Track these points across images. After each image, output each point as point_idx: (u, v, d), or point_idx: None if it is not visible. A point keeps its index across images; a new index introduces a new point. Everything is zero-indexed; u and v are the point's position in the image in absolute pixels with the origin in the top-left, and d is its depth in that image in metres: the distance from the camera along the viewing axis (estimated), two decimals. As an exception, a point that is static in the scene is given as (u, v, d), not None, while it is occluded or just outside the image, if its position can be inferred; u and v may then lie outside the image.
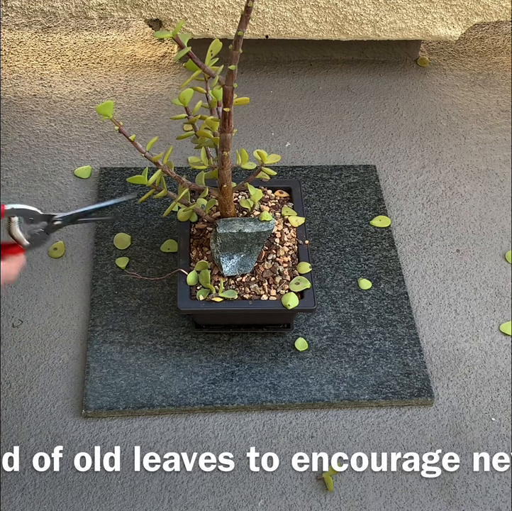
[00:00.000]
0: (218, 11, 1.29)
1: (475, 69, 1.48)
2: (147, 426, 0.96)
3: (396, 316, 1.06)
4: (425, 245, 1.17)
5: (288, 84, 1.43)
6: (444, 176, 1.27)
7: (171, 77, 1.43)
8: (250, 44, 1.42)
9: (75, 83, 1.40)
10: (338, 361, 1.00)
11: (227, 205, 0.94)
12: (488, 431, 0.97)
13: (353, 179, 1.24)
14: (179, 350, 1.01)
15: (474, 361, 1.03)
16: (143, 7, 1.29)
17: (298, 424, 0.96)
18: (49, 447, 0.93)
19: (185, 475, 0.92)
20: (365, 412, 0.98)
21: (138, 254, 1.11)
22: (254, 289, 0.95)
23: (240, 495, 0.91)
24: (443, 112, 1.39)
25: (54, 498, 0.90)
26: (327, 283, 1.09)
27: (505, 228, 1.19)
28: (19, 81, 1.39)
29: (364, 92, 1.42)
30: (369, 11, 1.31)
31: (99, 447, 0.94)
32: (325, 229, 1.16)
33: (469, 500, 0.91)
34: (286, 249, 0.99)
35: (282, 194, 1.05)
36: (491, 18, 1.35)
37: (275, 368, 0.99)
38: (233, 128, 0.83)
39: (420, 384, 0.99)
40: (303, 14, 1.31)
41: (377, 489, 0.92)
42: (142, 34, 1.51)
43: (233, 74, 0.77)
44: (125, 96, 1.38)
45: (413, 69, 1.48)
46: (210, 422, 0.96)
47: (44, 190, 1.21)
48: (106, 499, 0.90)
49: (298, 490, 0.91)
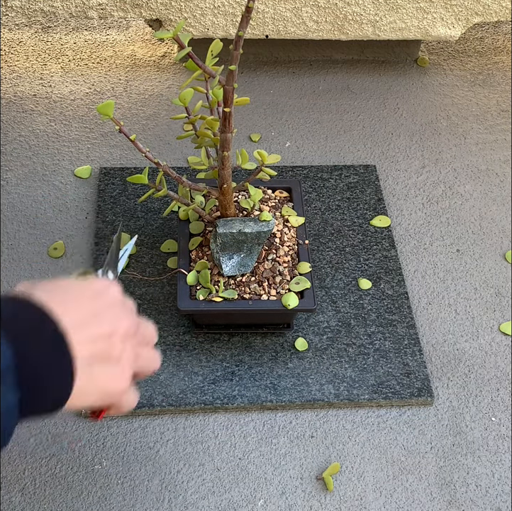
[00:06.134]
0: (218, 11, 1.29)
1: (475, 69, 1.48)
2: (147, 426, 0.96)
3: (396, 316, 1.06)
4: (425, 245, 1.17)
5: (288, 84, 1.43)
6: (444, 176, 1.27)
7: (171, 76, 1.43)
8: (250, 44, 1.42)
9: (75, 83, 1.40)
10: (338, 361, 1.01)
11: (228, 205, 0.94)
12: (488, 431, 0.97)
13: (353, 179, 1.24)
14: (179, 350, 1.01)
15: (474, 361, 1.03)
16: (143, 7, 1.29)
17: (298, 424, 0.96)
18: (49, 447, 0.93)
19: (185, 475, 0.92)
20: (365, 412, 0.98)
21: (138, 254, 1.11)
22: (254, 289, 0.95)
23: (240, 495, 0.91)
24: (443, 112, 1.39)
25: (54, 498, 0.90)
26: (327, 283, 1.09)
27: (505, 228, 1.20)
28: (19, 81, 1.39)
29: (364, 92, 1.42)
30: (369, 10, 1.31)
31: (99, 447, 0.94)
32: (325, 229, 1.16)
33: (469, 500, 0.91)
34: (286, 249, 0.99)
35: (282, 194, 1.05)
36: (491, 18, 1.35)
37: (275, 368, 1.00)
38: (233, 128, 0.83)
39: (420, 384, 0.99)
40: (303, 14, 1.31)
41: (377, 489, 0.92)
42: (142, 34, 1.51)
43: (234, 74, 0.77)
44: (125, 96, 1.38)
45: (413, 69, 1.48)
46: (210, 422, 0.96)
47: (44, 190, 1.21)
48: (106, 499, 0.90)
49: (298, 490, 0.91)
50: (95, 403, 0.59)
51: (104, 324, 0.59)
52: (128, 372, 0.61)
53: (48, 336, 0.53)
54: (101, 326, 0.59)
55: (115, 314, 0.61)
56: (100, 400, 0.59)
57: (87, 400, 0.58)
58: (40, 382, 0.52)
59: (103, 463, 0.93)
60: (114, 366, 0.59)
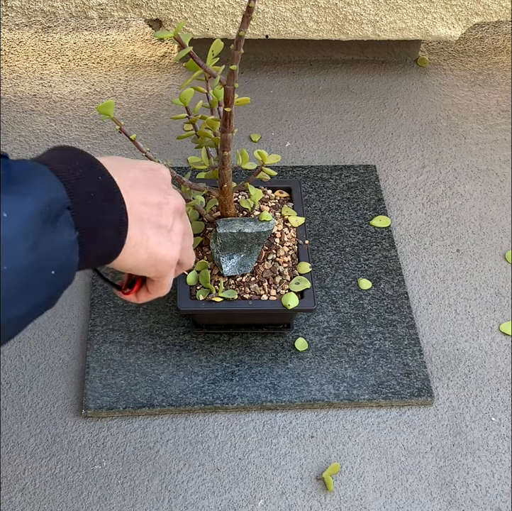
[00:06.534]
0: (218, 11, 1.29)
1: (475, 69, 1.48)
2: (147, 426, 0.96)
3: (396, 316, 1.06)
4: (425, 245, 1.17)
5: (288, 84, 1.43)
6: (444, 176, 1.27)
7: (171, 76, 1.43)
8: (250, 44, 1.42)
9: (75, 83, 1.40)
10: (338, 361, 1.01)
11: (228, 205, 0.94)
12: (488, 431, 0.97)
13: (353, 179, 1.24)
14: (179, 350, 1.01)
15: (474, 361, 1.03)
16: (143, 7, 1.29)
17: (298, 424, 0.96)
18: (49, 447, 0.93)
19: (185, 475, 0.92)
20: (365, 412, 0.98)
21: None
22: (254, 289, 0.95)
23: (240, 495, 0.91)
24: (443, 112, 1.39)
25: (54, 498, 0.90)
26: (327, 283, 1.09)
27: (505, 228, 1.20)
28: (19, 81, 1.39)
29: (364, 92, 1.42)
30: (369, 10, 1.31)
31: (99, 447, 0.94)
32: (325, 229, 1.16)
33: (469, 500, 0.91)
34: (286, 249, 0.99)
35: (282, 194, 1.05)
36: (491, 18, 1.35)
37: (275, 368, 0.99)
38: (234, 128, 0.83)
39: (420, 384, 0.99)
40: (303, 14, 1.31)
41: (377, 489, 0.92)
42: (142, 34, 1.51)
43: (235, 74, 0.77)
44: (125, 96, 1.38)
45: (413, 69, 1.48)
46: (210, 422, 0.96)
47: (44, 190, 1.21)
48: (106, 499, 0.90)
49: (298, 490, 0.91)
50: (143, 268, 0.61)
51: (155, 194, 0.61)
52: (177, 246, 0.63)
53: (101, 184, 0.55)
54: (152, 195, 0.61)
55: (165, 189, 0.63)
56: (149, 265, 0.61)
57: (138, 260, 0.59)
58: (95, 224, 0.53)
59: (103, 463, 0.93)
60: (166, 235, 0.61)
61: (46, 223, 0.48)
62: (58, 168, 0.52)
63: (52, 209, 0.49)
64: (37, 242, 0.47)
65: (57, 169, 0.52)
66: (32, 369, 1.00)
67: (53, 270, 0.49)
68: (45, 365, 1.01)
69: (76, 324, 1.05)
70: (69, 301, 1.07)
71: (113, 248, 0.56)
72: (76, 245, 0.52)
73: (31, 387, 0.98)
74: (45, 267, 0.49)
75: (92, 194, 0.53)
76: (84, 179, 0.53)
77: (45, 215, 0.48)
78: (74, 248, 0.52)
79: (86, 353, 1.00)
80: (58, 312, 1.06)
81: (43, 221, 0.48)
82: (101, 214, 0.54)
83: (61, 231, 0.50)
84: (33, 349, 1.02)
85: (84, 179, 0.53)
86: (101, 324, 1.03)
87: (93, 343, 1.01)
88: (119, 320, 1.03)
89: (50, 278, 0.49)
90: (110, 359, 0.99)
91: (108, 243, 0.56)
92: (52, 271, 0.49)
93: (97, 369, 0.98)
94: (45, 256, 0.48)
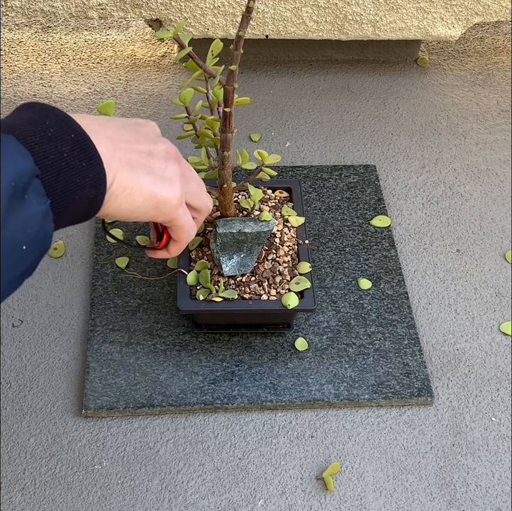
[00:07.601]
0: (218, 11, 1.29)
1: (475, 69, 1.48)
2: (147, 426, 0.96)
3: (396, 316, 1.06)
4: (425, 245, 1.17)
5: (288, 84, 1.43)
6: (444, 176, 1.27)
7: (171, 76, 1.43)
8: (250, 44, 1.42)
9: (75, 83, 1.40)
10: (338, 361, 1.01)
11: (228, 205, 0.94)
12: (488, 431, 0.97)
13: (353, 179, 1.24)
14: (179, 350, 1.01)
15: (474, 361, 1.03)
16: (143, 7, 1.29)
17: (298, 424, 0.96)
18: (49, 447, 0.93)
19: (185, 475, 0.92)
20: (365, 412, 0.98)
21: (138, 254, 1.11)
22: (254, 289, 0.95)
23: (240, 495, 0.91)
24: (443, 112, 1.39)
25: (54, 498, 0.90)
26: (327, 283, 1.09)
27: (505, 228, 1.20)
28: (19, 81, 1.39)
29: (364, 92, 1.42)
30: (369, 10, 1.31)
31: (99, 447, 0.94)
32: (325, 229, 1.16)
33: (469, 500, 0.91)
34: (286, 249, 0.99)
35: (282, 194, 1.05)
36: (491, 18, 1.35)
37: (275, 368, 1.00)
38: (234, 128, 0.83)
39: (420, 384, 0.99)
40: (303, 14, 1.31)
41: (377, 489, 0.92)
42: (142, 34, 1.51)
43: (234, 75, 0.77)
44: (125, 96, 1.38)
45: (413, 69, 1.48)
46: (210, 422, 0.96)
47: (44, 190, 1.21)
48: (106, 499, 0.90)
49: (298, 490, 0.91)
50: (145, 211, 0.60)
51: (142, 141, 0.61)
52: (176, 185, 0.63)
53: (74, 142, 0.53)
54: (139, 142, 0.61)
55: (153, 137, 0.63)
56: (150, 207, 0.60)
57: (135, 204, 0.59)
58: (69, 186, 0.52)
59: (103, 463, 0.93)
60: (160, 176, 0.61)
61: (12, 199, 0.46)
62: (26, 131, 0.50)
63: (17, 183, 0.47)
64: (3, 222, 0.45)
65: (25, 134, 0.50)
66: (32, 369, 1.00)
67: (24, 245, 0.48)
68: (45, 365, 1.01)
69: (76, 324, 1.05)
70: (69, 302, 1.07)
71: (92, 206, 0.55)
72: (49, 213, 0.50)
73: (31, 387, 0.98)
74: (15, 245, 0.47)
75: (65, 154, 0.51)
76: (56, 139, 0.51)
77: (10, 192, 0.46)
78: (46, 217, 0.50)
79: (86, 353, 1.00)
80: (58, 312, 1.06)
81: (8, 198, 0.46)
82: (75, 175, 0.52)
83: (29, 202, 0.48)
84: (33, 349, 1.02)
85: (55, 139, 0.51)
86: (101, 324, 1.03)
87: (93, 343, 1.01)
88: (119, 320, 1.03)
89: (22, 254, 0.48)
90: (110, 359, 0.99)
91: (86, 202, 0.54)
92: (24, 246, 0.48)
93: (97, 369, 0.98)
94: (12, 234, 0.46)
